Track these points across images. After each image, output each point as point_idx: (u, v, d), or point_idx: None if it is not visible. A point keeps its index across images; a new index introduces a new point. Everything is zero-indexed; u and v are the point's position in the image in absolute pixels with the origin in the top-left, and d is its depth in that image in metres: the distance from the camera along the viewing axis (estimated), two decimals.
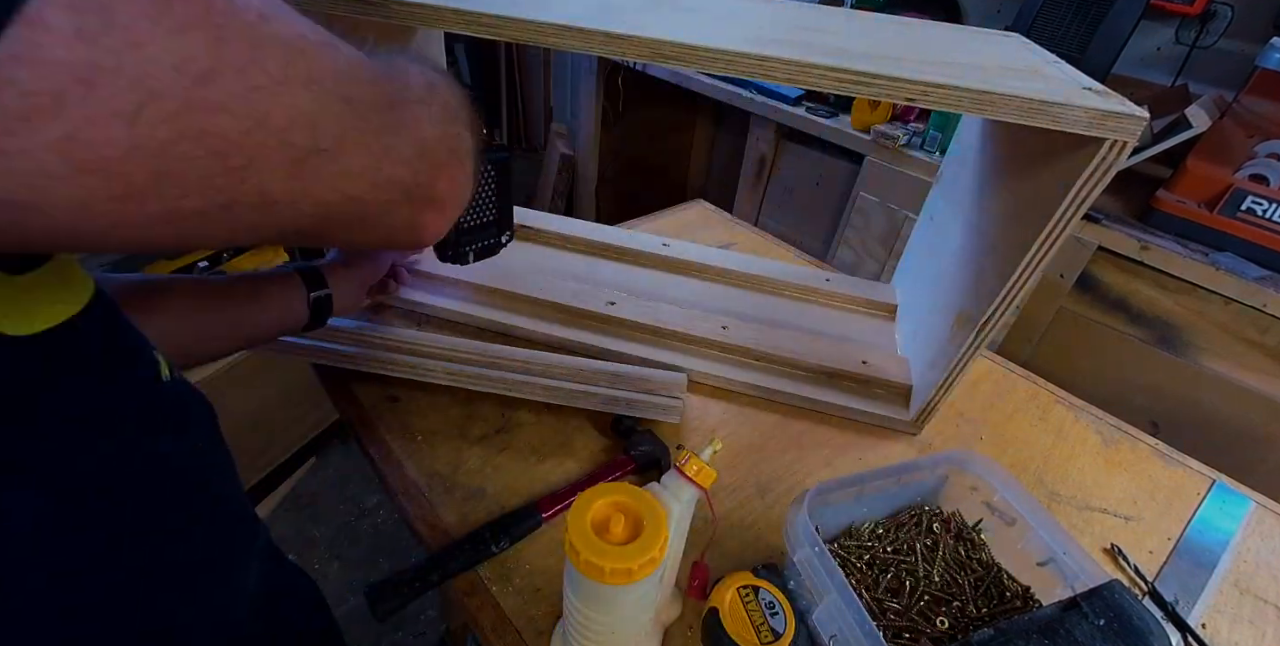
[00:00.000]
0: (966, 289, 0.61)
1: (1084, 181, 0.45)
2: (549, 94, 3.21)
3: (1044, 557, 0.48)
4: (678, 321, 0.74)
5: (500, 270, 0.78)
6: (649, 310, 0.76)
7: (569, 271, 0.85)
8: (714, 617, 0.44)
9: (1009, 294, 0.53)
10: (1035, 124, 0.43)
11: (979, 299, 0.57)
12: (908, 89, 0.43)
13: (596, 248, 0.90)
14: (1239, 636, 0.52)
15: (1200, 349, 1.21)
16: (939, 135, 1.46)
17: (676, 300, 0.79)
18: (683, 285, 0.85)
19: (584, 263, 0.88)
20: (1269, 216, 1.11)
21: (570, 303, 0.75)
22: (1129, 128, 0.42)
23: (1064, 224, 0.48)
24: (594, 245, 0.90)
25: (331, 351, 0.64)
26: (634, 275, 0.86)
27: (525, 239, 0.91)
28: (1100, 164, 0.44)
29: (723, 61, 0.44)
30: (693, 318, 0.75)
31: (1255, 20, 1.36)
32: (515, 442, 0.62)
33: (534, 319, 0.75)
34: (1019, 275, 0.52)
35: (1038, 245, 0.49)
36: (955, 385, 0.61)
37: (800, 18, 0.60)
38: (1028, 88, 0.43)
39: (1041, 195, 0.49)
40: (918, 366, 0.71)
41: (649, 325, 0.74)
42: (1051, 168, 0.49)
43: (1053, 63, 0.54)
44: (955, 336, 0.60)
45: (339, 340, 0.66)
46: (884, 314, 0.84)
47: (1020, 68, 0.50)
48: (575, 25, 0.46)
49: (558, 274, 0.82)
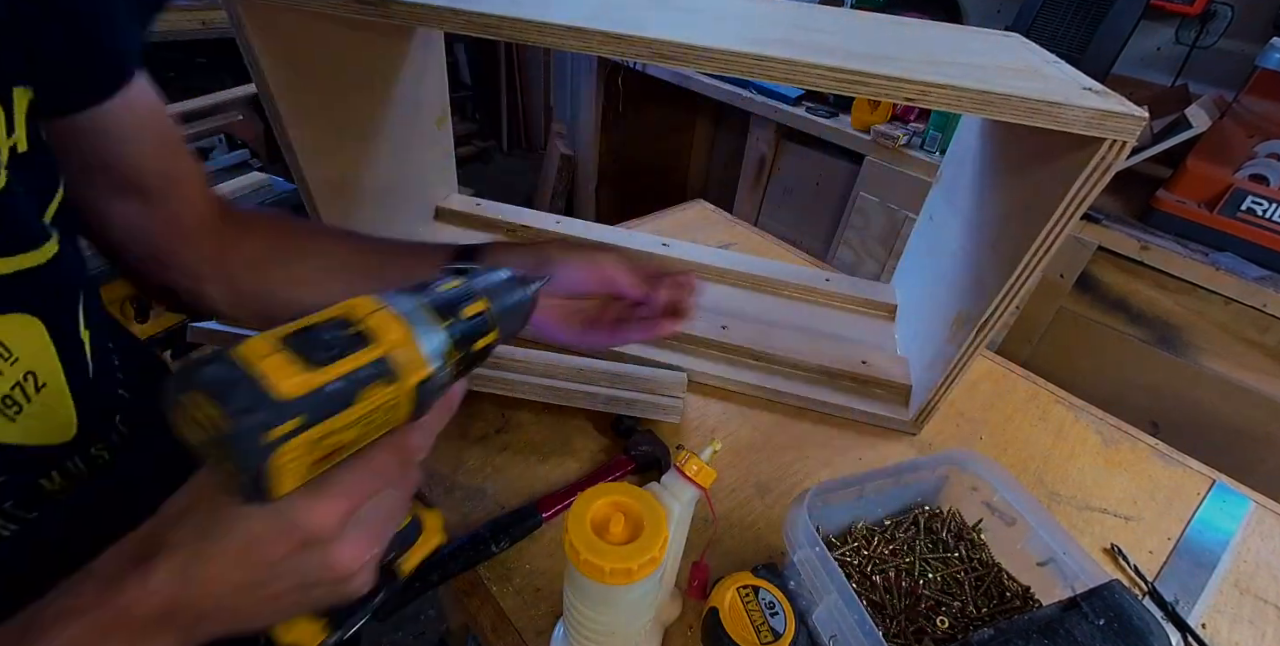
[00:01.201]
0: (966, 289, 0.61)
1: (1083, 181, 0.45)
2: (549, 94, 3.21)
3: (1044, 557, 0.48)
4: None
5: None
6: None
7: None
8: (714, 617, 0.44)
9: (1009, 294, 0.53)
10: (1035, 124, 0.43)
11: (978, 299, 0.57)
12: (907, 89, 0.43)
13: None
14: (1239, 636, 0.52)
15: (1200, 349, 1.21)
16: (939, 135, 1.46)
17: None
18: None
19: None
20: (1269, 216, 1.11)
21: None
22: (1128, 127, 0.42)
23: (1063, 224, 0.47)
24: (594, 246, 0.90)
25: None
26: None
27: (526, 239, 0.91)
28: (1100, 164, 0.44)
29: (722, 61, 0.44)
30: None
31: (1255, 20, 1.36)
32: (515, 442, 0.62)
33: None
34: (1018, 275, 0.52)
35: (1037, 245, 0.49)
36: (955, 385, 0.61)
37: (799, 17, 0.60)
38: (1027, 87, 0.43)
39: (1041, 195, 0.49)
40: (917, 366, 0.71)
41: None
42: (1051, 167, 0.49)
43: (1052, 62, 0.54)
44: (955, 336, 0.60)
45: None
46: (883, 314, 0.84)
47: (1020, 67, 0.50)
48: (575, 25, 0.46)
49: None
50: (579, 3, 0.54)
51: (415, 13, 0.49)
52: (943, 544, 0.52)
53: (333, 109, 0.67)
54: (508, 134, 3.47)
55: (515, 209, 0.94)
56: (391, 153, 0.78)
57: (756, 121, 1.84)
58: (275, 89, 0.59)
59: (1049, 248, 0.49)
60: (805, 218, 1.89)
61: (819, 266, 0.96)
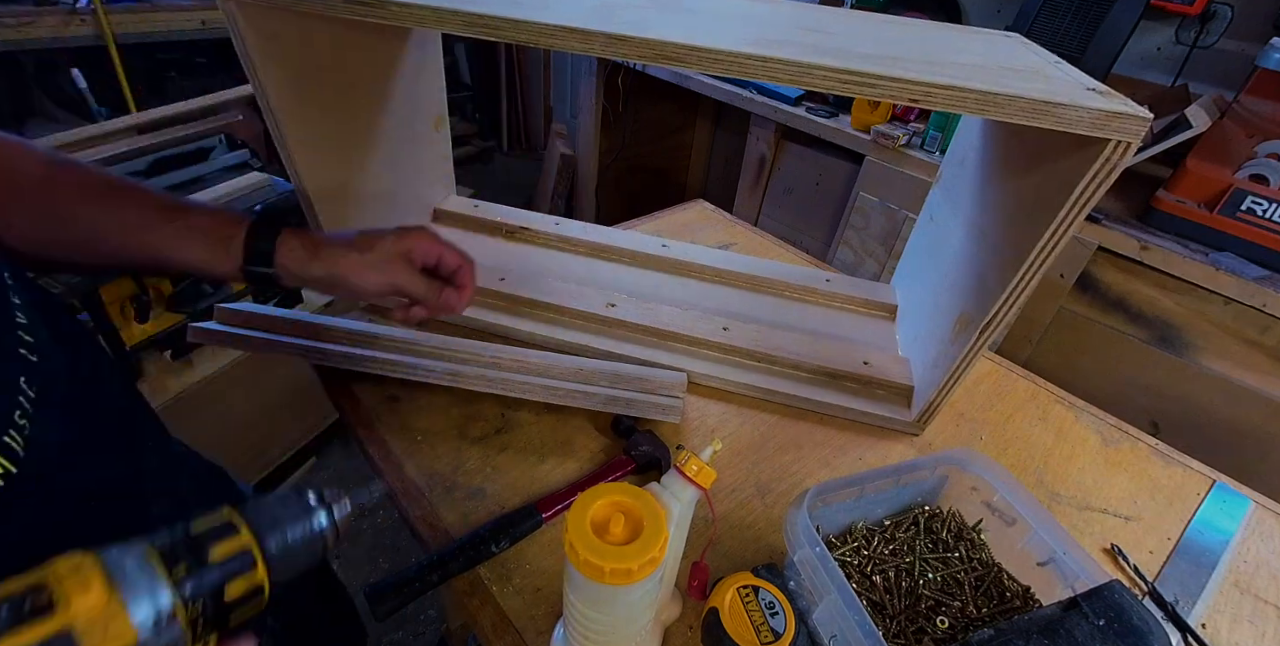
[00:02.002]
0: (968, 290, 0.61)
1: (1088, 182, 0.45)
2: (549, 94, 3.21)
3: (1044, 557, 0.48)
4: (678, 323, 0.74)
5: (500, 273, 0.78)
6: (649, 312, 0.76)
7: (569, 273, 0.85)
8: (714, 617, 0.44)
9: (1012, 295, 0.53)
10: (1039, 125, 0.43)
11: (981, 300, 0.57)
12: (911, 90, 0.43)
13: (596, 249, 0.90)
14: (1239, 636, 0.52)
15: (1200, 349, 1.21)
16: (939, 135, 1.46)
17: (677, 301, 0.79)
18: (683, 286, 0.85)
19: (584, 264, 0.88)
20: (1269, 216, 1.11)
21: (570, 304, 0.75)
22: (1133, 128, 0.42)
23: (1067, 225, 0.47)
24: (594, 246, 0.90)
25: (331, 351, 0.64)
26: (634, 276, 0.86)
27: (525, 241, 0.91)
28: (1104, 165, 0.44)
29: (725, 62, 0.44)
30: (693, 319, 0.75)
31: (1255, 20, 1.36)
32: (515, 442, 0.62)
33: (534, 322, 0.75)
34: (1021, 277, 0.52)
35: (1041, 246, 0.49)
36: (957, 386, 0.61)
37: (801, 18, 0.60)
38: (1031, 88, 0.43)
39: (1044, 196, 0.49)
40: (919, 367, 0.71)
41: (649, 327, 0.74)
42: (1054, 168, 0.49)
43: (1054, 63, 0.54)
44: (957, 338, 0.60)
45: (339, 340, 0.66)
46: (884, 314, 0.84)
47: (1022, 68, 0.50)
48: (577, 26, 0.46)
49: (558, 276, 0.82)
50: (580, 3, 0.54)
51: (415, 14, 0.49)
52: (943, 544, 0.52)
53: (328, 110, 0.67)
54: (508, 134, 3.47)
55: (512, 210, 0.94)
56: (389, 154, 0.78)
57: (756, 121, 1.84)
58: (269, 89, 0.58)
59: (1053, 249, 0.49)
60: (805, 218, 1.89)
61: (819, 266, 0.96)
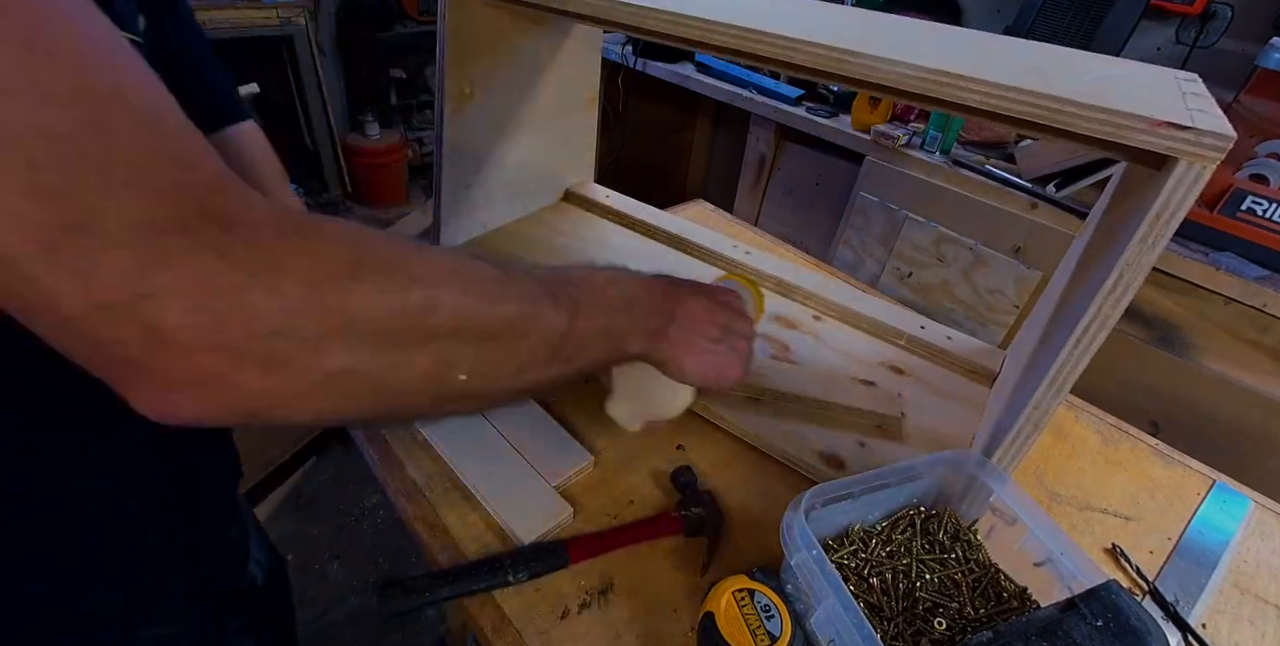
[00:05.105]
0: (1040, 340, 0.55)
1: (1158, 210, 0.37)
2: None
3: (1041, 558, 0.48)
4: None
5: None
6: None
7: None
8: (710, 622, 0.44)
9: (1079, 343, 0.43)
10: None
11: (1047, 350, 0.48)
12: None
13: (729, 264, 0.87)
14: (1239, 636, 0.52)
15: (1200, 349, 1.21)
16: (939, 135, 1.46)
17: None
18: None
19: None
20: (1269, 216, 1.11)
21: None
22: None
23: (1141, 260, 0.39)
24: (729, 262, 0.87)
25: None
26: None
27: (653, 237, 0.93)
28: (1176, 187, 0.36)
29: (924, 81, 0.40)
30: None
31: (1255, 20, 1.36)
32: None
33: None
34: (1090, 321, 0.42)
35: (1110, 284, 0.40)
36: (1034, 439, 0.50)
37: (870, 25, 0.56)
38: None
39: (1116, 232, 0.43)
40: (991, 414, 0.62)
41: None
42: (1136, 198, 0.43)
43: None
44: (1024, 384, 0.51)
45: None
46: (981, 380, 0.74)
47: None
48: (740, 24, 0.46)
49: None
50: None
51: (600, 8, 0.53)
52: (939, 545, 0.52)
53: (496, 70, 0.75)
54: None
55: (641, 205, 0.97)
56: (538, 126, 0.84)
57: (756, 121, 1.84)
58: (451, 58, 0.69)
59: (1125, 288, 0.40)
60: (805, 218, 1.89)
61: (869, 293, 0.87)
